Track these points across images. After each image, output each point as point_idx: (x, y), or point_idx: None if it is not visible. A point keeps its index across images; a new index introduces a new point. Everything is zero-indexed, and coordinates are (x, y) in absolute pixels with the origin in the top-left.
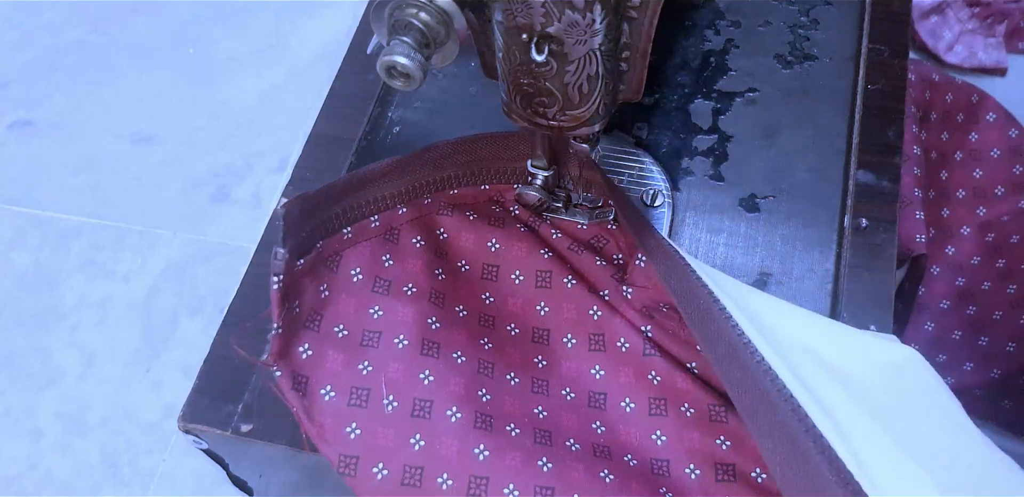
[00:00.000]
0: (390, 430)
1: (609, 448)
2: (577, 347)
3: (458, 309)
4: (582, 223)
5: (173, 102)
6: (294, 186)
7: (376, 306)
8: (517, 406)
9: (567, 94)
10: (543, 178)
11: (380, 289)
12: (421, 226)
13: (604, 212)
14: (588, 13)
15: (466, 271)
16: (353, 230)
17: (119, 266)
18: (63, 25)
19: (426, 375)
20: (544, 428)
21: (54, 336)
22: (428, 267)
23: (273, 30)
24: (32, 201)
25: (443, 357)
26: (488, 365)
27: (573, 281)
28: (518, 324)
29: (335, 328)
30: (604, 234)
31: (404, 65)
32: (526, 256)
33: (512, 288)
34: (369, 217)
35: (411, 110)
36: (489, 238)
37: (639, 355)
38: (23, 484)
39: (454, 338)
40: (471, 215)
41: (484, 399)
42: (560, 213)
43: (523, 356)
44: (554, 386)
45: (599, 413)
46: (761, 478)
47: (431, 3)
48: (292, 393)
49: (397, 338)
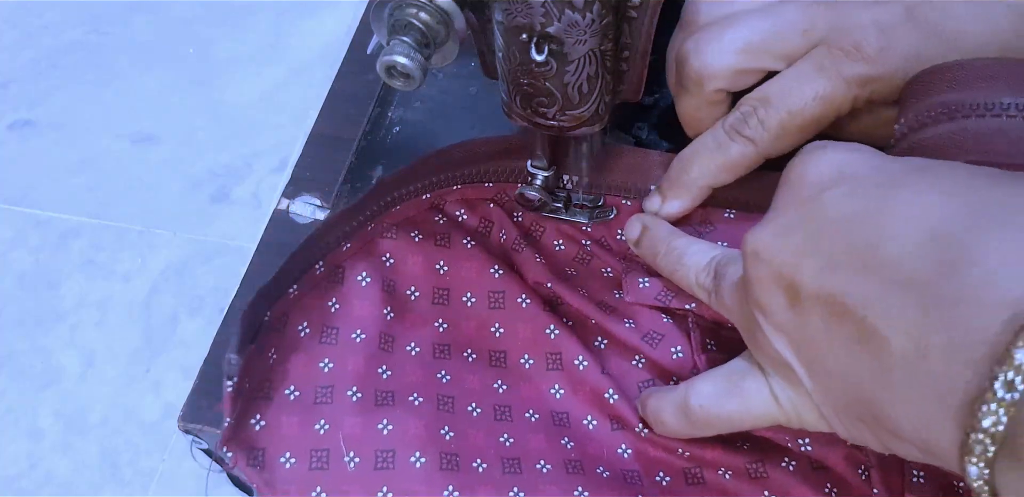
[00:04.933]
0: (356, 486)
1: (581, 462)
2: (535, 367)
3: (409, 348)
4: (585, 224)
5: (173, 102)
6: (294, 186)
7: (326, 358)
8: (482, 438)
9: (567, 94)
10: (543, 178)
11: (329, 339)
12: (365, 256)
13: (604, 212)
14: (588, 13)
15: (416, 298)
16: (299, 286)
17: (119, 266)
18: (63, 25)
19: (384, 424)
20: (512, 456)
21: (54, 336)
22: (376, 307)
23: (273, 30)
24: (32, 201)
25: (399, 403)
26: (448, 400)
27: (528, 300)
28: (474, 348)
29: (286, 391)
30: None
31: (404, 65)
32: (476, 277)
33: (465, 311)
34: (314, 265)
35: (411, 110)
36: (437, 260)
37: (597, 373)
38: (23, 484)
39: (408, 380)
40: (416, 235)
41: (448, 437)
42: (560, 213)
43: (483, 382)
44: (517, 410)
45: (565, 429)
46: (728, 475)
47: (431, 3)
48: (249, 470)
49: (350, 391)
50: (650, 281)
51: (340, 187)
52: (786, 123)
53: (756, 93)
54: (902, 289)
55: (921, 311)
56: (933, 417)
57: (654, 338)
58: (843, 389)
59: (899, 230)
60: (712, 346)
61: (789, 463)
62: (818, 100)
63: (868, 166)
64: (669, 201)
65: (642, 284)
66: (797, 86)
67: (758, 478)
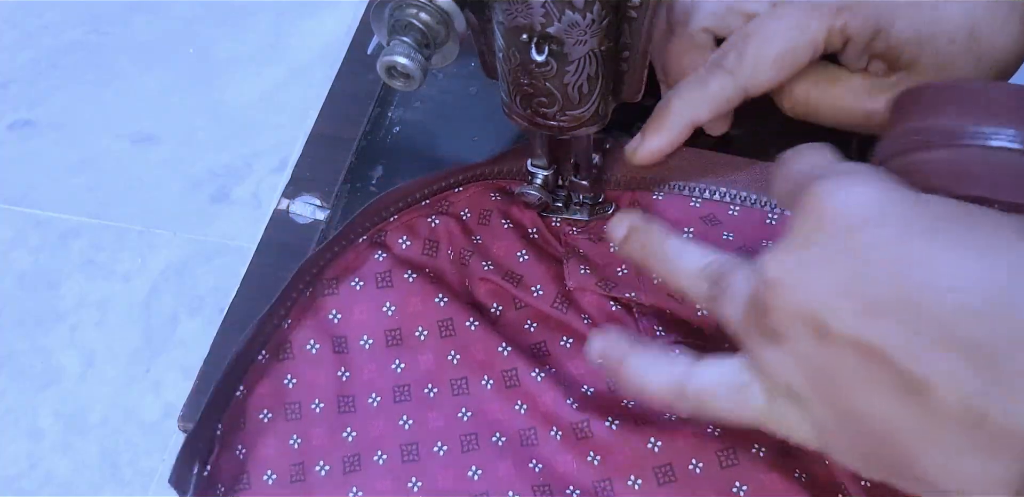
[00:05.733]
0: None
1: (550, 485)
2: (496, 386)
3: (371, 400)
4: (584, 220)
5: (173, 102)
6: (294, 186)
7: (294, 434)
8: (451, 478)
9: (567, 94)
10: (543, 177)
11: (293, 415)
12: (310, 322)
13: (604, 207)
14: (588, 13)
15: (370, 346)
16: (246, 383)
17: (119, 266)
18: (63, 25)
19: (355, 492)
20: (482, 491)
21: (54, 336)
22: (330, 372)
23: (273, 30)
24: (32, 201)
25: (365, 466)
26: (412, 448)
27: (476, 323)
28: (435, 382)
29: (264, 477)
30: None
31: (404, 65)
32: (424, 310)
33: (420, 346)
34: (257, 356)
35: (411, 110)
36: (383, 303)
37: (554, 384)
38: (23, 484)
39: (373, 436)
40: (356, 284)
41: (416, 488)
42: (561, 212)
43: (446, 418)
44: (483, 437)
45: (532, 449)
46: (699, 469)
47: (431, 3)
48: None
49: (318, 466)
50: (590, 268)
51: (340, 187)
52: (762, 52)
53: (738, 31)
54: (958, 351)
55: (980, 379)
56: (980, 477)
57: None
58: (862, 429)
59: (954, 287)
60: (660, 331)
61: (760, 449)
62: (792, 29)
63: (903, 207)
64: (649, 138)
65: (583, 270)
66: (774, 19)
67: (729, 466)
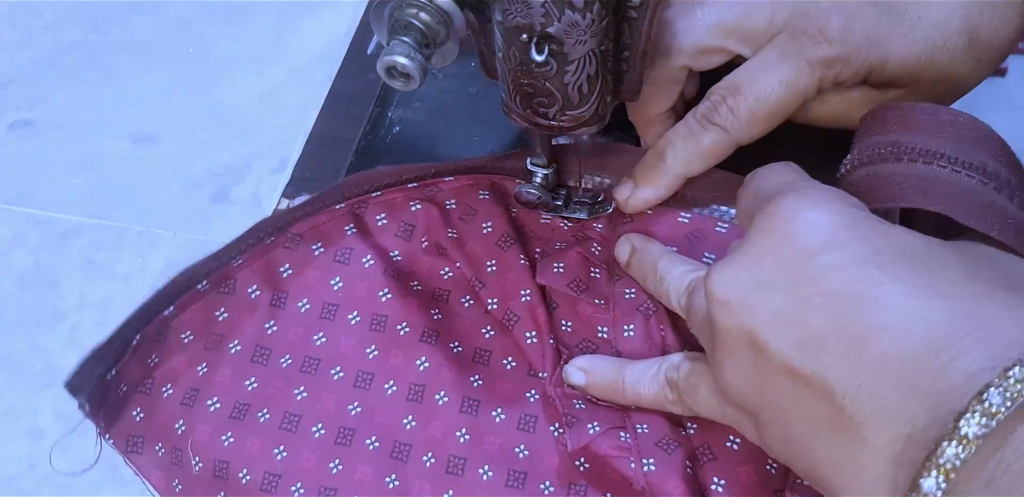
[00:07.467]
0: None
1: None
2: (396, 395)
3: (282, 360)
4: (583, 218)
5: (173, 102)
6: (294, 186)
7: (204, 362)
8: (314, 460)
9: (567, 94)
10: (542, 176)
11: (210, 345)
12: (260, 268)
13: (604, 206)
14: (588, 13)
15: (305, 311)
16: (178, 305)
17: (119, 266)
18: (63, 25)
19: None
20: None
21: (54, 336)
22: (256, 323)
23: (273, 30)
24: (32, 201)
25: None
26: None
27: (407, 328)
28: (344, 367)
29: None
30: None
31: (404, 65)
32: (365, 297)
33: (347, 328)
34: (197, 285)
35: (411, 110)
36: (333, 276)
37: (455, 413)
38: (23, 484)
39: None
40: (317, 248)
41: (279, 458)
42: (560, 211)
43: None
44: (360, 436)
45: (397, 465)
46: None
47: (431, 3)
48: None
49: (211, 400)
50: (565, 267)
51: None
52: (755, 110)
53: (724, 82)
54: (896, 393)
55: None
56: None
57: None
58: (789, 445)
59: (899, 329)
60: (631, 331)
61: (734, 442)
62: (784, 85)
63: (861, 236)
64: (642, 189)
65: (556, 269)
66: (763, 73)
67: (708, 461)
